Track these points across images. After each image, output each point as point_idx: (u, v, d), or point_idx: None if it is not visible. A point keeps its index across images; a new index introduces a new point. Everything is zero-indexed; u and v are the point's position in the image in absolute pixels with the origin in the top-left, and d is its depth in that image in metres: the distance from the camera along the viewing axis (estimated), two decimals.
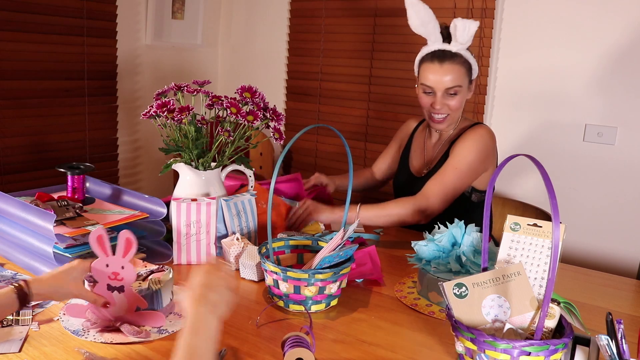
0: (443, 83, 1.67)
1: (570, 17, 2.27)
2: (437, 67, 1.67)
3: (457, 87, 1.68)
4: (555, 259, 0.87)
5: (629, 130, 2.21)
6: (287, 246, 1.39)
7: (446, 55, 1.67)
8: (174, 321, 1.14)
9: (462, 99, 1.72)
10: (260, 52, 3.23)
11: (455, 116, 1.76)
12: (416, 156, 1.89)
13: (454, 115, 1.75)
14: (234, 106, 1.51)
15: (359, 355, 1.06)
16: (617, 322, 0.88)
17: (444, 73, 1.66)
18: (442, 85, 1.68)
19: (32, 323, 1.09)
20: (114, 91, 2.77)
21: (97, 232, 1.06)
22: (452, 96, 1.69)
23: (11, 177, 2.41)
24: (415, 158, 1.89)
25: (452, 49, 1.66)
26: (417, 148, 1.90)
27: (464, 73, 1.68)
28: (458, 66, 1.67)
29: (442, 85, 1.68)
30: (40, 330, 1.08)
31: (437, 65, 1.67)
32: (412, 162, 1.89)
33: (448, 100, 1.70)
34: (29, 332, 1.06)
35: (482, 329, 0.97)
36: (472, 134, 1.73)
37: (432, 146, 1.84)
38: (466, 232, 1.30)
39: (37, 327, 1.08)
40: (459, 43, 1.64)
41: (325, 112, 3.00)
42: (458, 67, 1.67)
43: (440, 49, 1.68)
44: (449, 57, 1.66)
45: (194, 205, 1.42)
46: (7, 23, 2.31)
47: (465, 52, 1.68)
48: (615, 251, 2.28)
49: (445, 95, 1.69)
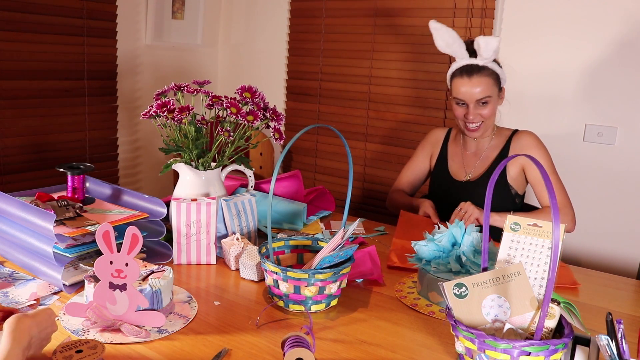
0: (473, 95, 1.78)
1: (570, 17, 2.27)
2: (466, 80, 1.78)
3: (487, 97, 1.78)
4: (555, 259, 0.87)
5: (629, 130, 2.21)
6: (287, 246, 1.39)
7: (474, 69, 1.78)
8: (174, 321, 1.14)
9: (493, 107, 1.82)
10: (260, 52, 3.23)
11: (489, 123, 1.86)
12: (454, 163, 1.97)
13: (488, 123, 1.85)
14: (234, 106, 1.51)
15: (359, 355, 1.06)
16: (617, 322, 0.88)
17: (473, 85, 1.77)
18: (473, 97, 1.78)
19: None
20: (114, 91, 2.78)
21: (105, 228, 1.06)
22: (484, 105, 1.80)
23: (11, 177, 2.41)
24: (454, 165, 1.97)
25: (479, 62, 1.77)
26: (455, 156, 1.98)
27: (492, 83, 1.79)
28: (486, 78, 1.77)
29: (473, 97, 1.78)
30: None
31: (466, 79, 1.78)
32: (452, 170, 1.97)
33: (480, 110, 1.80)
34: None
35: (482, 329, 0.97)
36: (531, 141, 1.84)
37: (473, 154, 1.94)
38: (466, 232, 1.30)
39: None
40: (484, 58, 1.75)
41: (325, 112, 3.00)
42: (486, 79, 1.77)
43: (468, 64, 1.79)
44: (477, 70, 1.77)
45: (194, 205, 1.42)
46: (7, 23, 2.31)
47: (492, 64, 1.78)
48: (615, 251, 2.28)
49: (477, 106, 1.80)
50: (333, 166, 3.02)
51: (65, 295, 1.23)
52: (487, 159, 1.90)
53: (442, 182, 1.98)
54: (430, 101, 2.65)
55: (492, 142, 1.90)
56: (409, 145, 2.72)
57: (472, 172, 1.91)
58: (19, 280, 1.28)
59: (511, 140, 1.87)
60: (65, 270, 1.25)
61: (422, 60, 2.62)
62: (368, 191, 2.92)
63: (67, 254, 1.27)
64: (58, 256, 1.26)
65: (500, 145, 1.88)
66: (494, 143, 1.90)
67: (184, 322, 1.14)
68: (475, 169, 1.91)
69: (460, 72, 1.79)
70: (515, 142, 1.86)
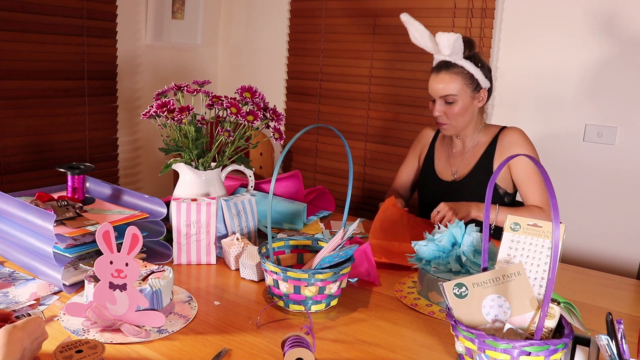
0: (437, 91, 1.77)
1: (571, 17, 2.27)
2: (434, 76, 1.79)
3: (452, 95, 1.76)
4: (555, 259, 0.87)
5: (629, 130, 2.21)
6: (287, 246, 1.39)
7: (442, 66, 1.77)
8: (174, 321, 1.14)
9: (462, 108, 1.78)
10: (260, 52, 3.23)
11: (458, 123, 1.81)
12: (441, 163, 1.95)
13: (456, 123, 1.81)
14: (234, 106, 1.51)
15: (359, 355, 1.06)
16: (617, 322, 0.88)
17: (438, 82, 1.77)
18: (437, 93, 1.77)
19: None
20: (114, 91, 2.78)
21: (105, 228, 1.06)
22: (450, 104, 1.77)
23: (11, 177, 2.41)
24: (441, 165, 1.95)
25: (450, 59, 1.75)
26: (441, 155, 1.96)
27: (461, 82, 1.76)
28: (454, 76, 1.75)
29: (437, 93, 1.78)
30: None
31: (434, 74, 1.79)
32: (438, 169, 1.95)
33: (445, 107, 1.78)
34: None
35: (482, 329, 0.97)
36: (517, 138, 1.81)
37: (459, 152, 1.91)
38: (466, 232, 1.30)
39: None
40: (443, 55, 1.74)
41: (325, 112, 3.00)
42: (454, 77, 1.75)
43: (441, 60, 1.77)
44: (445, 67, 1.76)
45: (194, 205, 1.42)
46: (7, 23, 2.31)
47: (465, 62, 1.74)
48: (615, 251, 2.28)
49: (443, 103, 1.78)
50: (333, 166, 3.02)
51: (65, 295, 1.23)
52: (472, 157, 1.87)
53: (429, 183, 1.96)
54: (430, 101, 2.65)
55: (478, 140, 1.87)
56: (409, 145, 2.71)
57: (458, 172, 1.89)
58: (19, 280, 1.28)
59: (497, 137, 1.84)
60: (65, 270, 1.25)
61: (422, 60, 2.62)
62: (368, 191, 2.92)
63: (67, 254, 1.27)
64: (58, 256, 1.26)
65: (487, 143, 1.85)
66: (480, 141, 1.87)
67: (184, 322, 1.14)
68: (460, 167, 1.88)
69: (433, 67, 1.80)
70: (501, 140, 1.83)
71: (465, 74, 1.75)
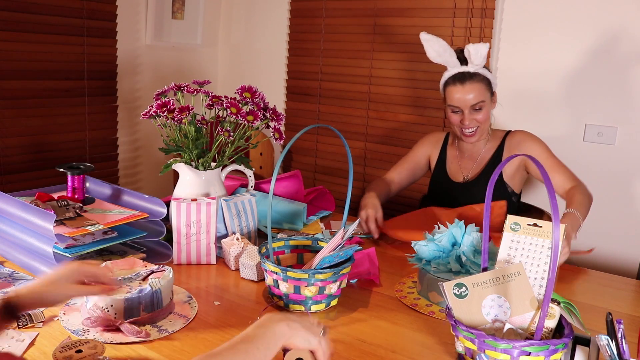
0: (467, 101, 1.80)
1: (571, 17, 2.27)
2: (459, 88, 1.81)
3: (480, 102, 1.81)
4: (555, 259, 0.87)
5: (629, 130, 2.21)
6: (287, 246, 1.39)
7: (466, 76, 1.81)
8: (174, 321, 1.14)
9: (487, 112, 1.85)
10: (260, 52, 3.23)
11: (485, 127, 1.89)
12: (452, 166, 2.00)
13: (483, 127, 1.88)
14: (234, 106, 1.51)
15: (359, 355, 1.06)
16: (617, 322, 0.88)
17: (466, 92, 1.80)
18: (467, 103, 1.81)
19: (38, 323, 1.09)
20: (114, 91, 2.77)
21: None
22: (478, 111, 1.83)
23: (11, 177, 2.41)
24: (452, 168, 2.00)
25: (470, 69, 1.80)
26: (453, 159, 2.01)
27: (484, 88, 1.82)
28: (478, 84, 1.80)
29: (467, 103, 1.81)
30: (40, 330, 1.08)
31: (459, 86, 1.81)
32: (450, 172, 2.00)
33: (475, 115, 1.83)
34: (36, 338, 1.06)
35: (482, 329, 0.97)
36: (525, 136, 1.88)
37: (469, 157, 1.96)
38: (466, 232, 1.30)
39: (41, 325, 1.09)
40: (475, 65, 1.79)
41: (325, 112, 3.00)
42: (479, 85, 1.80)
43: (460, 72, 1.81)
44: (469, 77, 1.81)
45: (194, 205, 1.42)
46: (7, 23, 2.30)
47: (483, 70, 1.82)
48: (615, 251, 2.28)
49: (472, 111, 1.83)
50: (333, 166, 3.02)
51: None
52: (482, 160, 1.93)
53: (441, 184, 2.00)
54: (430, 101, 2.65)
55: (487, 145, 1.93)
56: (409, 145, 2.71)
57: (469, 174, 1.94)
58: (19, 280, 1.28)
59: (505, 140, 1.90)
60: None
61: (422, 60, 2.61)
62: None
63: (67, 254, 1.27)
64: (58, 256, 1.26)
65: (495, 146, 1.92)
66: (488, 145, 1.93)
67: (184, 322, 1.14)
68: (471, 171, 1.94)
69: (454, 79, 1.82)
70: (509, 141, 1.89)
71: (485, 80, 1.82)
